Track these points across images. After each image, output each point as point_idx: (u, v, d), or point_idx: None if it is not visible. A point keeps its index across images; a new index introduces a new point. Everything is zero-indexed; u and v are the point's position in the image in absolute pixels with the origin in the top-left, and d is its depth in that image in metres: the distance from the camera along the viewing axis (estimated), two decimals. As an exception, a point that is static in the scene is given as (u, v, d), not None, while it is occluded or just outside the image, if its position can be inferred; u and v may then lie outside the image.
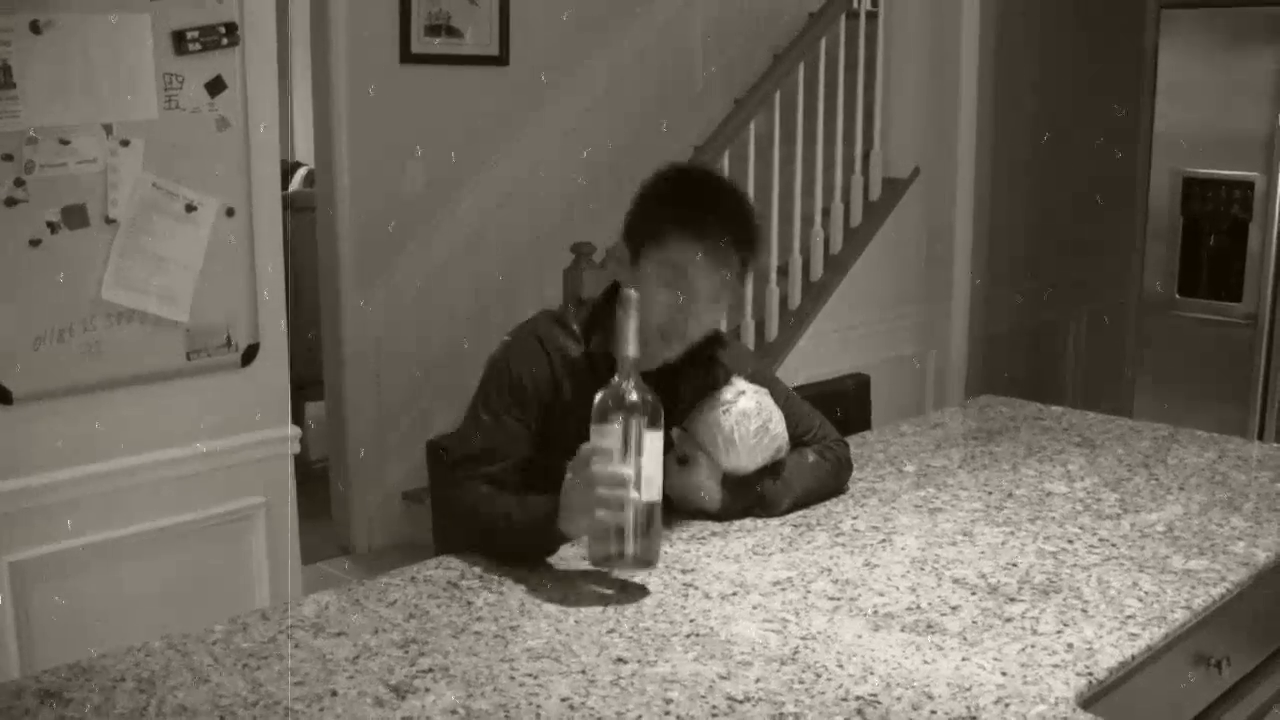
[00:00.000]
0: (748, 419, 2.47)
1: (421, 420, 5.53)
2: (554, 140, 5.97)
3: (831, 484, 2.68)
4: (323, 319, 5.52)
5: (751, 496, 2.53)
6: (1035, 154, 6.33)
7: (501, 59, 5.78)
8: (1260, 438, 4.65)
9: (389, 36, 5.41)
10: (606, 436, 2.10)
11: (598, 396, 2.12)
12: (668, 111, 6.40)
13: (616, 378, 2.12)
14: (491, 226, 5.79)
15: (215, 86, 3.29)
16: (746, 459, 2.49)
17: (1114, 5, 6.10)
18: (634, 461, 2.10)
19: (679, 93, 6.48)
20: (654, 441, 2.12)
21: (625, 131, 6.24)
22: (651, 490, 2.13)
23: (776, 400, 2.58)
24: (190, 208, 3.25)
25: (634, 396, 2.11)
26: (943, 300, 6.07)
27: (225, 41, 3.30)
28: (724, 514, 2.51)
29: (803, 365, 5.23)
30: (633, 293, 2.13)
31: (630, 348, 2.12)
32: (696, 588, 2.18)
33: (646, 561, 2.15)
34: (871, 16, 5.82)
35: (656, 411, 2.12)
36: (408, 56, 5.48)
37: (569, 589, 2.17)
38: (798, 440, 2.64)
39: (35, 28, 2.95)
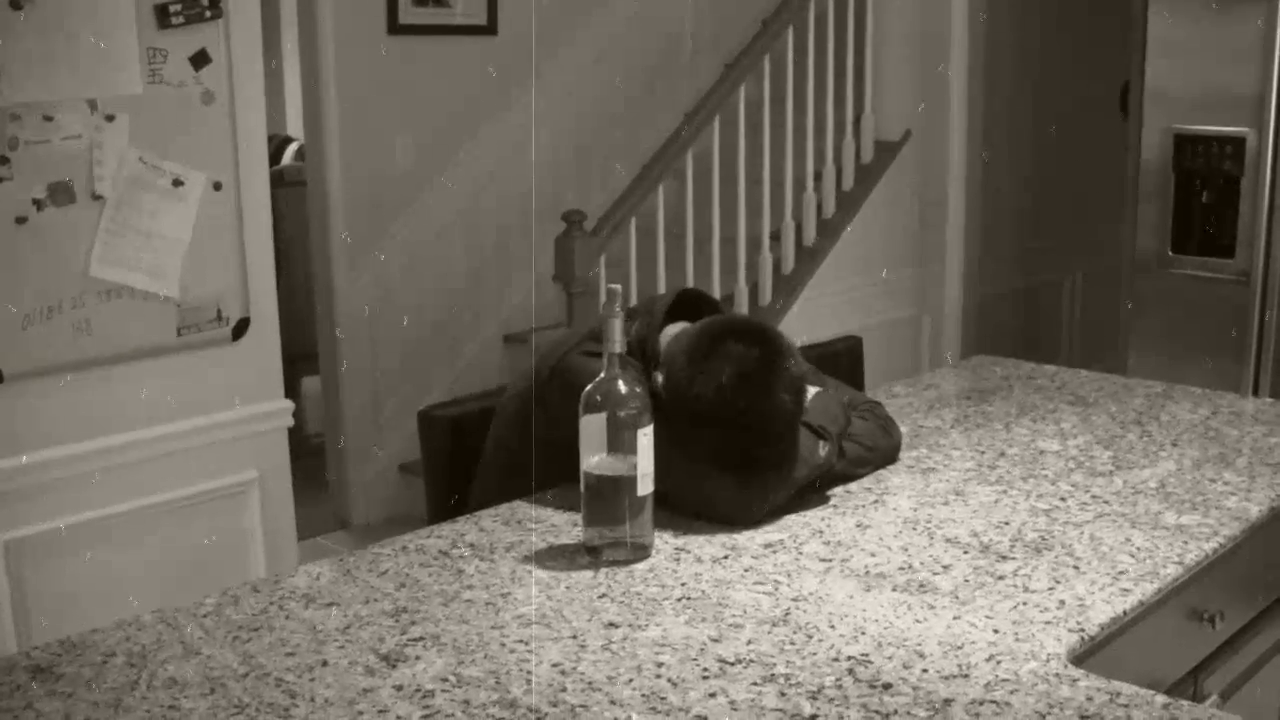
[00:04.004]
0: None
1: (416, 392, 5.53)
2: (545, 109, 5.95)
3: (885, 441, 2.65)
4: (315, 292, 5.52)
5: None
6: (1026, 114, 6.31)
7: (490, 28, 5.77)
8: (1255, 393, 4.64)
9: (376, 7, 5.39)
10: (593, 428, 2.11)
11: (588, 388, 2.13)
12: (658, 78, 6.38)
13: (605, 373, 2.12)
14: (482, 196, 5.78)
15: (200, 60, 3.28)
16: None
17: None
18: (628, 457, 2.11)
19: (669, 59, 6.47)
20: (645, 438, 2.12)
21: (615, 99, 6.23)
22: (646, 484, 2.13)
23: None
24: (177, 182, 3.24)
25: (624, 391, 2.11)
26: (936, 262, 6.06)
27: (208, 14, 3.28)
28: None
29: (797, 330, 5.21)
30: (617, 288, 2.13)
31: (616, 344, 2.12)
32: (688, 551, 2.18)
33: (641, 552, 2.15)
34: (861, -22, 5.80)
35: (646, 406, 2.13)
36: (395, 27, 5.47)
37: (560, 555, 2.17)
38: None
39: (16, 4, 2.94)
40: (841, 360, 3.33)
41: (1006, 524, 2.30)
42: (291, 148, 8.77)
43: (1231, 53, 4.63)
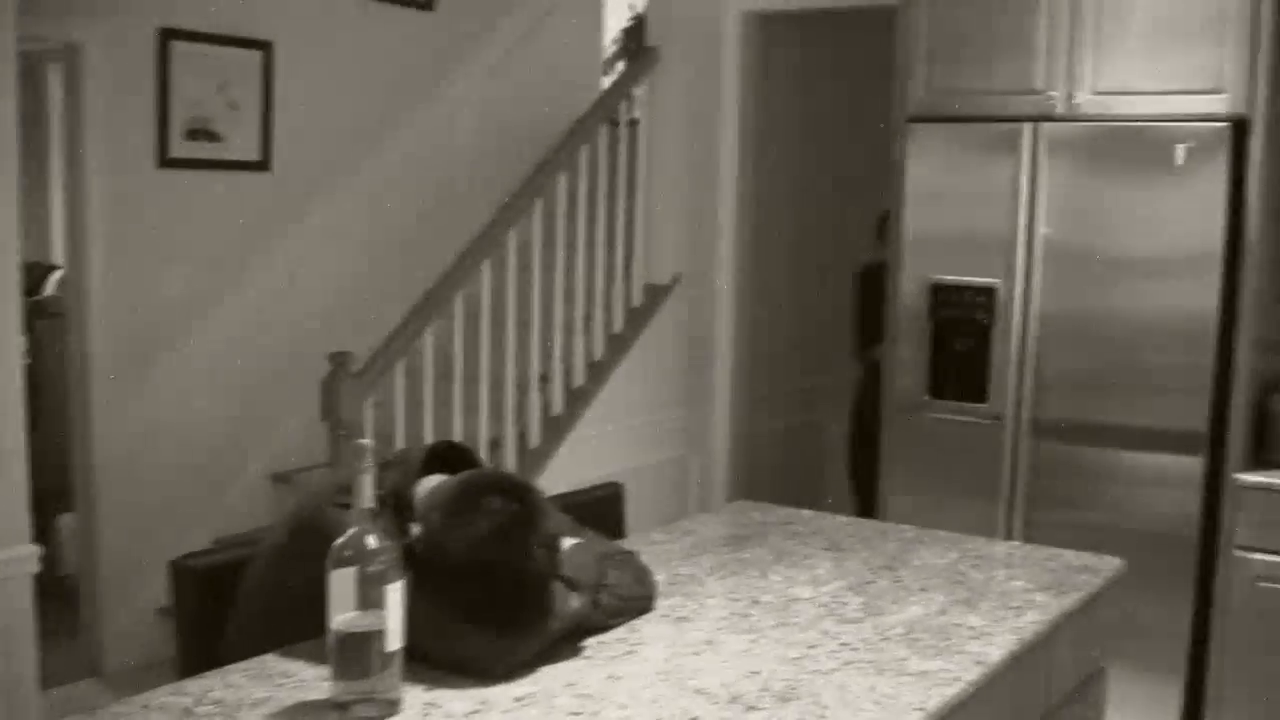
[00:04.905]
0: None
1: (177, 532, 5.37)
2: (316, 248, 5.94)
3: (639, 591, 2.67)
4: (73, 428, 5.36)
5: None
6: (793, 259, 6.48)
7: (264, 165, 5.74)
8: (1008, 534, 4.80)
9: (146, 140, 5.33)
10: (342, 583, 2.08)
11: (337, 542, 2.11)
12: (433, 217, 6.40)
13: (354, 527, 2.11)
14: (252, 334, 5.71)
15: (-51, 195, 3.20)
16: None
17: (865, 118, 6.32)
18: (377, 612, 2.09)
19: (445, 198, 6.50)
20: (395, 593, 2.11)
21: (389, 237, 6.23)
22: (395, 639, 2.11)
23: None
24: (-79, 320, 3.14)
25: (373, 546, 2.10)
26: (704, 403, 6.16)
27: (-39, 150, 3.22)
28: None
29: (565, 471, 5.24)
30: (366, 443, 2.13)
31: (366, 500, 2.11)
32: (438, 705, 2.16)
33: (389, 708, 2.12)
34: (633, 125, 5.93)
35: (395, 561, 2.12)
36: (166, 161, 5.40)
37: (308, 712, 2.12)
38: None
39: None
40: (601, 507, 3.35)
41: (756, 673, 2.33)
42: (54, 277, 8.54)
43: (982, 206, 4.85)
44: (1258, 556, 4.46)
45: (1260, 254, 4.47)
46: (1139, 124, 4.57)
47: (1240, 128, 4.43)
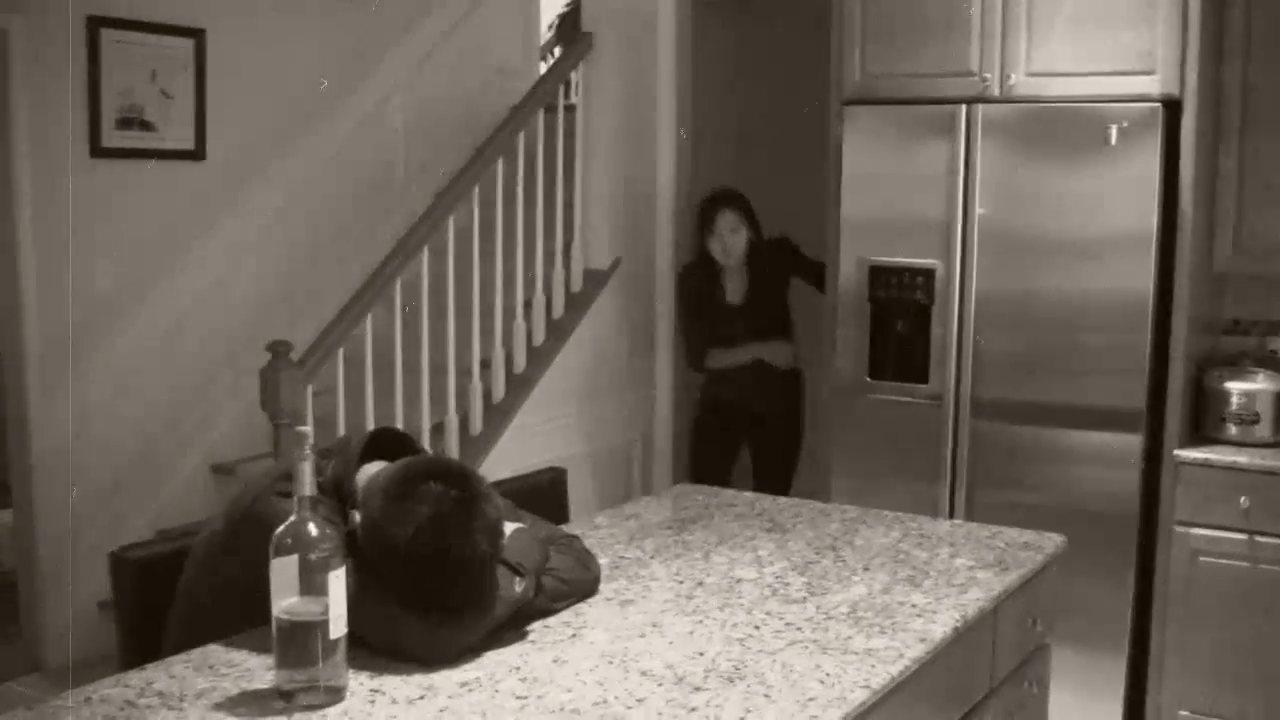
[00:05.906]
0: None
1: (117, 526, 5.33)
2: (253, 236, 5.90)
3: (583, 574, 2.67)
4: (7, 423, 5.30)
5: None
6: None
7: (198, 153, 5.70)
8: (951, 513, 4.82)
9: (78, 129, 5.27)
10: (285, 571, 2.07)
11: (278, 530, 2.10)
12: (369, 206, 6.37)
13: (295, 515, 2.09)
14: (188, 324, 5.67)
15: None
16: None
17: (802, 100, 6.33)
18: (320, 599, 2.08)
19: (380, 187, 6.47)
20: (338, 579, 2.10)
21: (326, 226, 6.20)
22: (339, 626, 2.11)
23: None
24: None
25: (314, 533, 2.09)
26: (646, 388, 6.15)
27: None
28: None
29: (508, 458, 5.22)
30: (305, 430, 2.13)
31: (306, 487, 2.10)
32: (384, 692, 2.15)
33: (335, 695, 2.11)
34: (570, 110, 5.92)
35: (337, 548, 2.11)
36: (99, 150, 5.35)
37: (253, 701, 2.11)
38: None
39: None
40: (544, 492, 3.34)
41: (701, 654, 2.33)
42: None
43: (918, 188, 4.86)
44: (1197, 531, 4.51)
45: (1194, 233, 4.51)
46: (1072, 105, 4.60)
47: (1172, 108, 4.47)
